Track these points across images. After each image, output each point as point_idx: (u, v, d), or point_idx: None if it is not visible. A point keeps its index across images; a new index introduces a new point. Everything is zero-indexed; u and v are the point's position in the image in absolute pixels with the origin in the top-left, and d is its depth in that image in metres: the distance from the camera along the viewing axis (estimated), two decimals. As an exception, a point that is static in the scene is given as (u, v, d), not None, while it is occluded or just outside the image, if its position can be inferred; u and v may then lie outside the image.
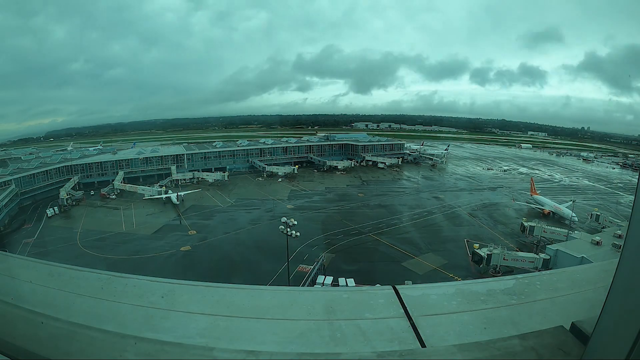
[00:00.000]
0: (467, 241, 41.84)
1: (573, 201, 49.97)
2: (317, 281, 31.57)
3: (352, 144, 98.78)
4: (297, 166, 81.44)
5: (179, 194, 59.52)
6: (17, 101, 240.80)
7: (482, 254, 34.21)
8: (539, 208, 54.33)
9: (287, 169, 78.72)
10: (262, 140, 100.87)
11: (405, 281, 29.65)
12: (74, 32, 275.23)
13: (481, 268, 34.49)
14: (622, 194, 65.44)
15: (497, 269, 34.07)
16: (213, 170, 77.48)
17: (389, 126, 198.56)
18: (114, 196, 63.79)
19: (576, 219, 45.28)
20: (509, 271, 32.74)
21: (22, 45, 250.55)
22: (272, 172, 78.20)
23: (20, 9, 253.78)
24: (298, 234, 35.42)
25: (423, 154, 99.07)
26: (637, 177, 1.69)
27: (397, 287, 2.72)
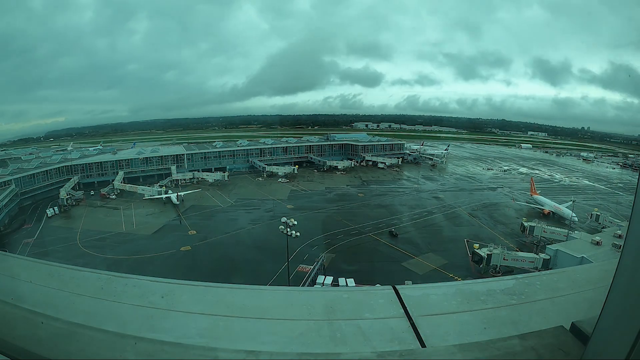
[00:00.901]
0: (467, 241, 41.85)
1: (573, 201, 49.99)
2: (317, 281, 31.60)
3: (352, 144, 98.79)
4: (297, 166, 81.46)
5: (179, 194, 59.52)
6: (58, 100, 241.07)
7: (482, 254, 34.23)
8: (539, 208, 54.33)
9: (287, 169, 78.72)
10: (262, 140, 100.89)
11: (405, 281, 29.66)
12: (152, 35, 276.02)
13: (481, 268, 34.50)
14: (622, 194, 65.43)
15: (497, 269, 34.08)
16: (213, 170, 77.51)
17: (389, 126, 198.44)
18: (114, 196, 63.79)
19: (576, 219, 45.28)
20: (509, 271, 32.75)
21: (96, 45, 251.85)
22: (272, 172, 78.23)
23: (118, 10, 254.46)
24: (298, 234, 35.43)
25: (423, 154, 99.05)
26: (637, 177, 1.69)
27: (397, 287, 2.72)
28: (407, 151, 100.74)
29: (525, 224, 42.91)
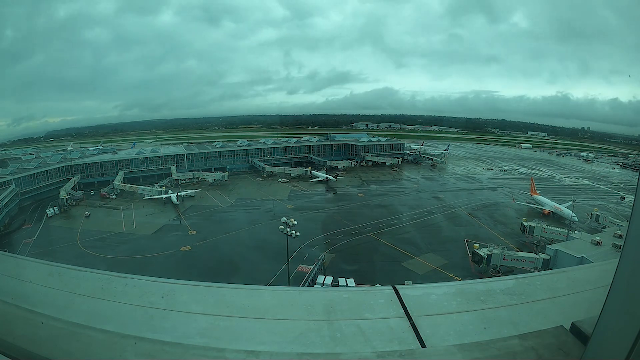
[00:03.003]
0: (467, 241, 41.83)
1: (573, 201, 49.92)
2: (317, 281, 31.59)
3: (352, 144, 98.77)
4: (309, 167, 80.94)
5: (179, 194, 59.52)
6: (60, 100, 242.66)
7: (482, 254, 34.21)
8: (539, 208, 54.31)
9: (300, 171, 77.70)
10: (262, 140, 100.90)
11: (405, 281, 29.66)
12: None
13: (481, 268, 34.49)
14: (622, 194, 65.40)
15: (497, 269, 34.07)
16: (213, 170, 77.50)
17: (389, 126, 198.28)
18: (114, 196, 63.81)
19: (576, 219, 45.24)
20: (509, 271, 32.75)
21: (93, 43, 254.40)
22: (271, 172, 78.31)
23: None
24: (298, 234, 35.39)
25: (423, 154, 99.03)
26: (637, 177, 1.69)
27: (397, 287, 2.72)
28: (407, 151, 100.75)
29: (525, 224, 42.88)
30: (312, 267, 34.56)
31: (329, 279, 31.73)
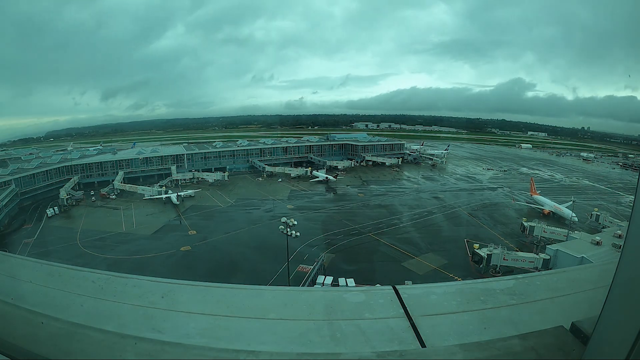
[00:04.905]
0: (467, 241, 41.83)
1: (573, 201, 49.92)
2: (317, 281, 31.59)
3: (352, 144, 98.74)
4: (309, 167, 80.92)
5: (179, 194, 59.52)
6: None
7: (482, 254, 34.22)
8: (539, 208, 54.30)
9: (300, 171, 77.38)
10: (262, 140, 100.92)
11: (405, 281, 29.65)
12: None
13: (481, 268, 34.48)
14: (622, 194, 65.39)
15: (497, 269, 34.07)
16: (213, 170, 77.52)
17: (389, 126, 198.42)
18: (114, 196, 63.82)
19: (576, 219, 45.20)
20: (509, 271, 32.74)
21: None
22: (272, 172, 78.31)
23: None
24: (298, 234, 35.42)
25: (423, 154, 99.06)
26: (637, 177, 1.69)
27: (397, 287, 2.72)
28: (407, 151, 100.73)
29: (525, 224, 42.87)
30: (312, 267, 34.55)
31: (329, 279, 31.70)
